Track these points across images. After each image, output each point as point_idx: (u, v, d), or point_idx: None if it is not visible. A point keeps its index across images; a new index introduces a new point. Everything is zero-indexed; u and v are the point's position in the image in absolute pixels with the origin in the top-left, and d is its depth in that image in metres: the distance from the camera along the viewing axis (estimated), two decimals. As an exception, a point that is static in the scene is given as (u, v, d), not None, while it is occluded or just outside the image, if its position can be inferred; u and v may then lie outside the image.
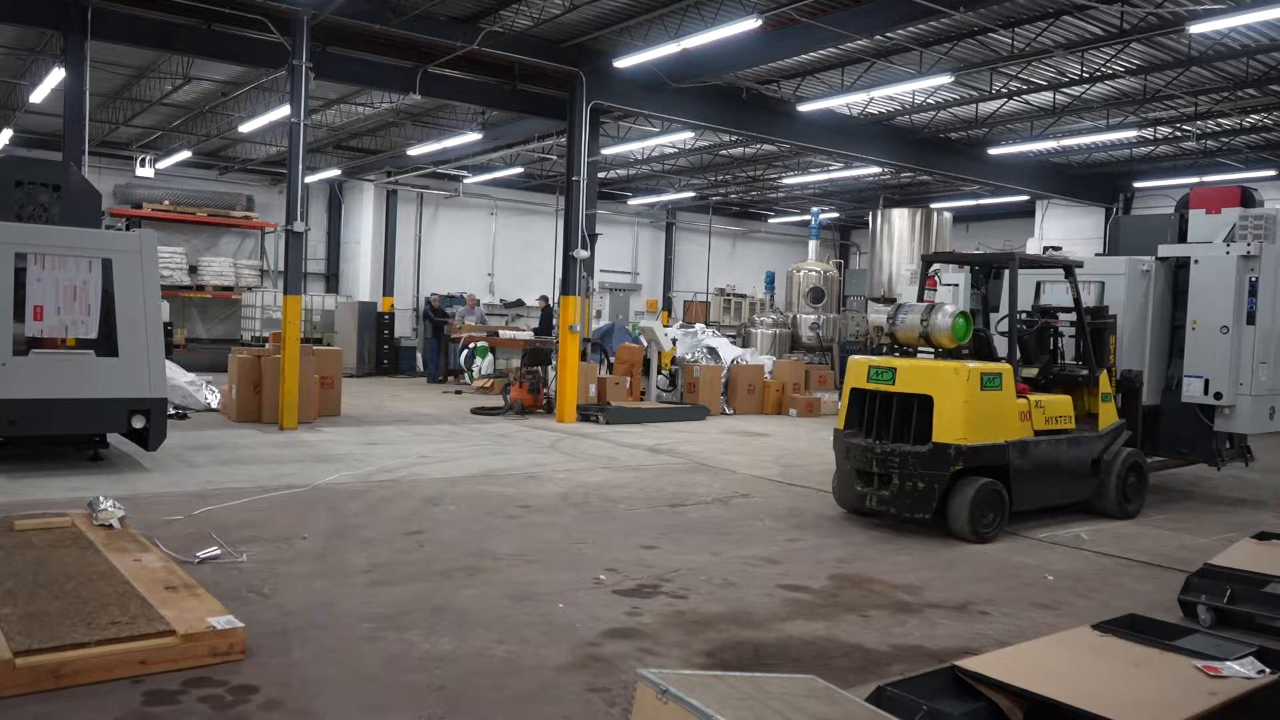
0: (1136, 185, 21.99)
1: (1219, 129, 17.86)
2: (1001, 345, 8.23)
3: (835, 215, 30.59)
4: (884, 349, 8.32)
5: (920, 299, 8.67)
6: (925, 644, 5.03)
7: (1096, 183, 22.45)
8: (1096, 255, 10.70)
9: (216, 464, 9.58)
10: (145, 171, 21.34)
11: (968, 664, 3.79)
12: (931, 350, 7.84)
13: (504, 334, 20.84)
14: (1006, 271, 8.44)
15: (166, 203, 23.03)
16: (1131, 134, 18.17)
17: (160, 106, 19.18)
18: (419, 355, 23.12)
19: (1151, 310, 9.45)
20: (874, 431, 7.70)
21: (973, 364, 7.50)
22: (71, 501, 7.06)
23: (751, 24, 11.85)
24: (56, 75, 13.53)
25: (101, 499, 6.29)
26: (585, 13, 13.18)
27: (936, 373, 7.46)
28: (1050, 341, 8.82)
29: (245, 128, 19.05)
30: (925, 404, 7.42)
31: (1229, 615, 5.43)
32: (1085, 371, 8.55)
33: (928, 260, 9.16)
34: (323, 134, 21.56)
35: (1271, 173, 19.82)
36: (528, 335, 20.42)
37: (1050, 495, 8.12)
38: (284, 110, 15.58)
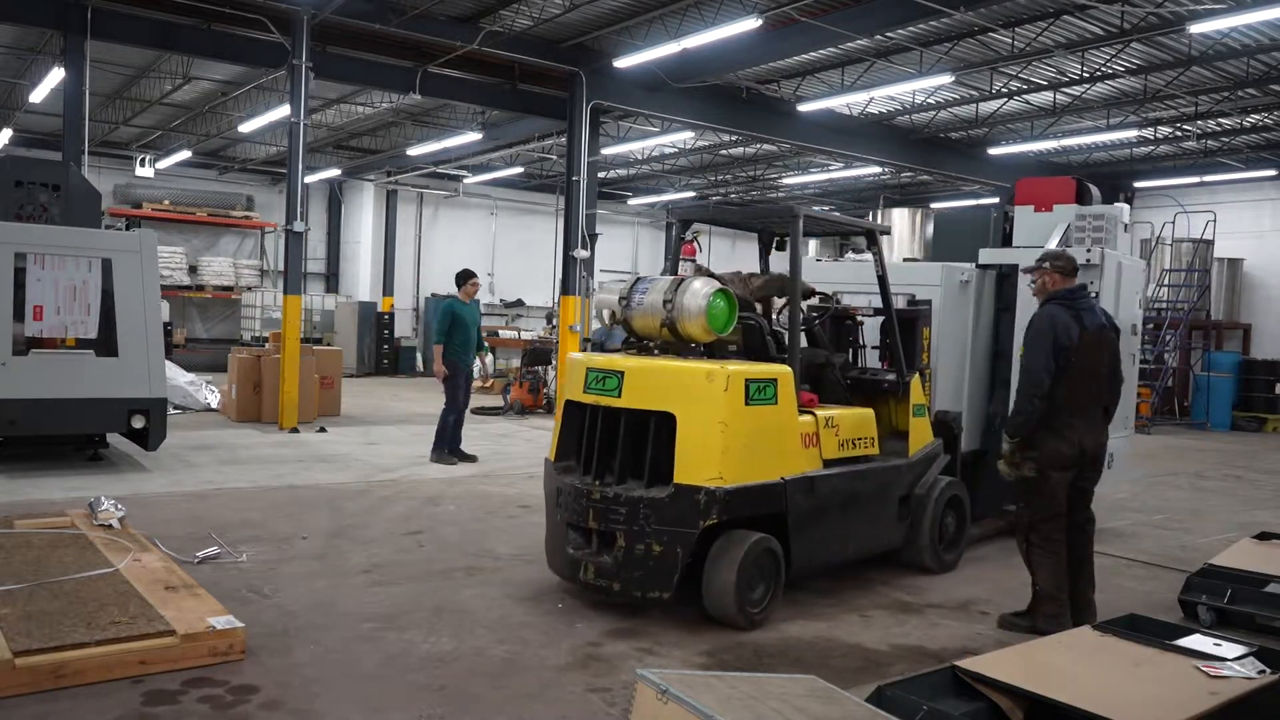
0: (1137, 185, 21.97)
1: (1219, 129, 17.86)
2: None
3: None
4: (624, 344, 5.80)
5: (674, 271, 6.20)
6: (925, 644, 5.03)
7: (1097, 183, 21.85)
8: (905, 260, 8.02)
9: (216, 464, 9.58)
10: (145, 171, 21.34)
11: (968, 664, 3.79)
12: (682, 345, 5.44)
13: (504, 334, 20.84)
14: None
15: (166, 203, 23.06)
16: (1132, 134, 18.17)
17: (160, 106, 19.18)
18: (419, 355, 23.08)
19: (971, 331, 7.32)
20: (593, 467, 5.27)
21: (735, 365, 5.13)
22: (71, 501, 7.05)
23: (751, 24, 11.85)
24: (56, 75, 13.54)
25: (102, 499, 6.29)
26: (585, 13, 13.18)
27: (681, 379, 5.08)
28: (850, 335, 6.70)
29: (245, 128, 19.05)
30: (666, 426, 5.05)
31: (1229, 615, 5.43)
32: (892, 376, 6.29)
33: (684, 221, 6.60)
34: (323, 134, 21.56)
35: (1271, 173, 19.83)
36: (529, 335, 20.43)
37: (845, 549, 5.83)
38: (284, 110, 15.57)
